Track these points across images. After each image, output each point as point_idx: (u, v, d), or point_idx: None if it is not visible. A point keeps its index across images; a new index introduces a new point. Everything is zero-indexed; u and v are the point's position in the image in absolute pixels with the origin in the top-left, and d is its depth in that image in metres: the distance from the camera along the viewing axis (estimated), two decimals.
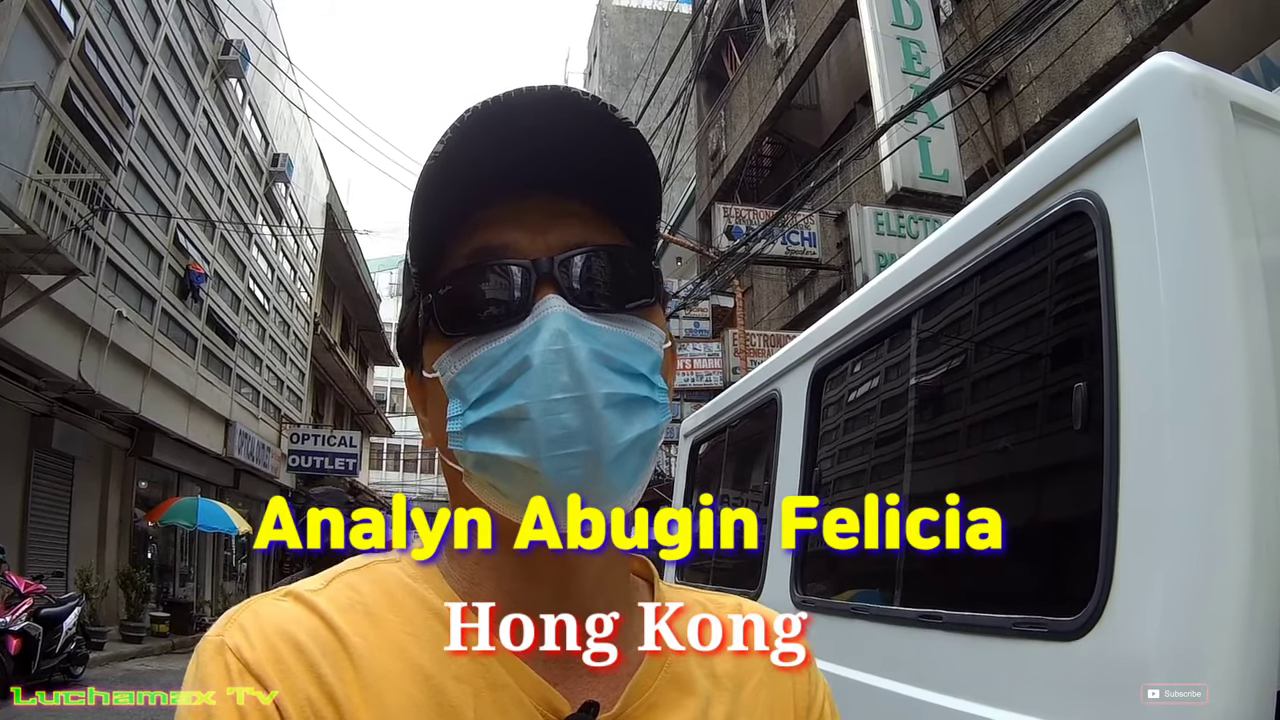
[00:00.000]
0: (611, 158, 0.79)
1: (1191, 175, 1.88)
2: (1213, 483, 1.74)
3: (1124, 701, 1.79)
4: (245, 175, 26.38)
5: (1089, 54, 9.91)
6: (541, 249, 0.79)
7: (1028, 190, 2.36)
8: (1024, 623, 2.17)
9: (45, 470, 16.84)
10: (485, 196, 0.80)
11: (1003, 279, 2.56)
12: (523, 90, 0.75)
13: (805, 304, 17.62)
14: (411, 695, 0.74)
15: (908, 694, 2.52)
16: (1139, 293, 1.94)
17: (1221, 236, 1.82)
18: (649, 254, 0.86)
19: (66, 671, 12.14)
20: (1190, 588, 1.72)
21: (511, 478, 0.75)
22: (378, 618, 0.79)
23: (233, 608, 0.80)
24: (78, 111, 15.83)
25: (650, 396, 0.78)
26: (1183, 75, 1.94)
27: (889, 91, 11.93)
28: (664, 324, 0.85)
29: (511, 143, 0.76)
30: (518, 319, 0.76)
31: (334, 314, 41.29)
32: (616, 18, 46.02)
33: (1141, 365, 1.92)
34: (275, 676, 0.72)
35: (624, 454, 0.75)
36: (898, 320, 3.07)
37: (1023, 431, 2.51)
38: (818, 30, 16.70)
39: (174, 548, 23.97)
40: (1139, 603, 1.82)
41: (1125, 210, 2.00)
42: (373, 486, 49.43)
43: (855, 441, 3.54)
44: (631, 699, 0.80)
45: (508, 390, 0.74)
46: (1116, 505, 1.89)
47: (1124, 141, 2.03)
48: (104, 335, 17.05)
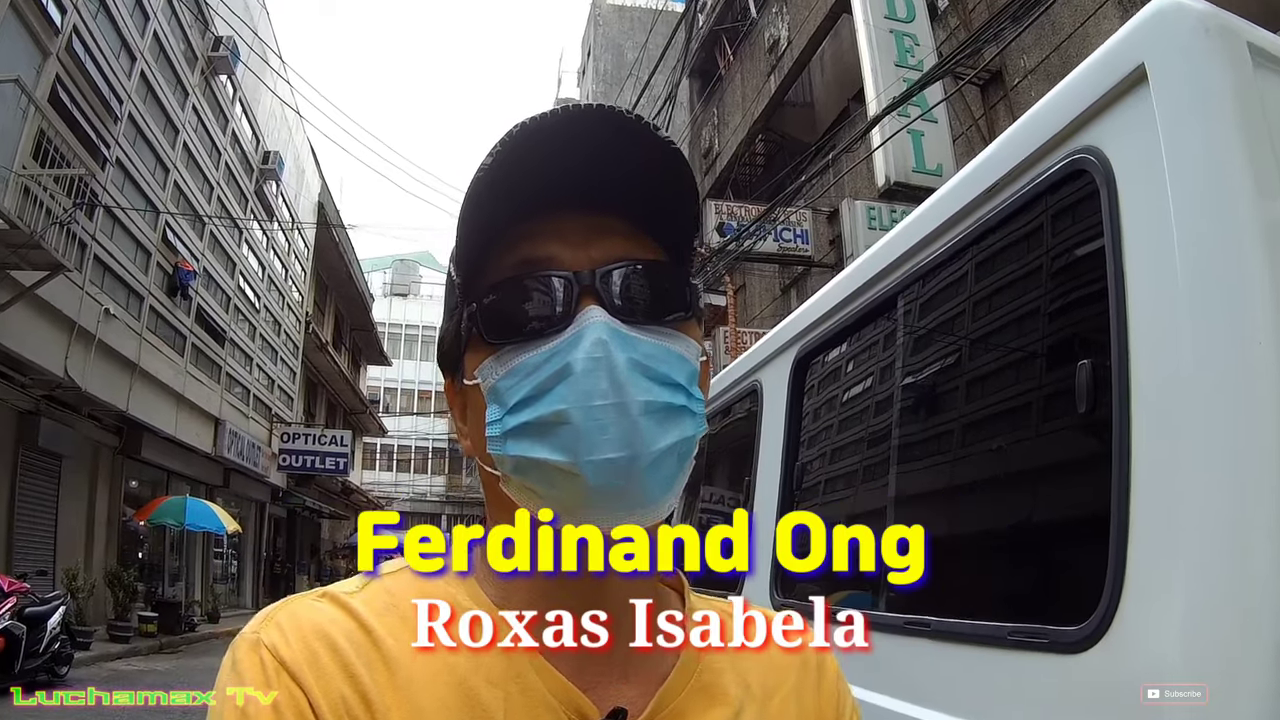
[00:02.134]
0: (652, 175, 0.81)
1: (1207, 124, 1.65)
2: (1238, 473, 1.51)
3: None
4: (235, 173, 26.36)
5: (1084, 47, 9.74)
6: (584, 262, 0.81)
7: (1023, 150, 2.10)
8: (1021, 632, 1.93)
9: (32, 469, 16.82)
10: (530, 210, 0.82)
11: (997, 250, 2.31)
12: (569, 109, 0.78)
13: (797, 302, 17.47)
14: (443, 698, 0.76)
15: (889, 707, 2.29)
16: (1151, 259, 1.70)
17: (1243, 193, 1.59)
18: (686, 270, 0.89)
19: (51, 671, 12.08)
20: (1214, 593, 1.49)
21: (551, 481, 0.77)
22: (411, 621, 0.80)
23: (269, 606, 0.82)
24: (65, 107, 15.86)
25: (687, 406, 0.80)
26: (1193, 12, 1.71)
27: (881, 84, 11.94)
28: (699, 338, 0.87)
29: (557, 159, 0.79)
30: (560, 328, 0.78)
31: (326, 313, 41.32)
32: (610, 16, 45.86)
33: (1154, 341, 1.67)
34: (310, 675, 0.75)
35: (660, 460, 0.76)
36: (883, 301, 2.83)
37: (1021, 419, 2.26)
38: (811, 27, 16.70)
39: (163, 547, 23.87)
40: (1154, 611, 1.57)
41: (1133, 167, 1.76)
42: (365, 486, 49.44)
43: (840, 434, 3.32)
44: (660, 706, 0.82)
45: (549, 395, 0.76)
46: (1128, 499, 1.64)
47: (1129, 89, 1.79)
48: (91, 332, 17.04)
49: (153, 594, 21.77)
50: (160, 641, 18.88)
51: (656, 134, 0.80)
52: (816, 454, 3.46)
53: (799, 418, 3.51)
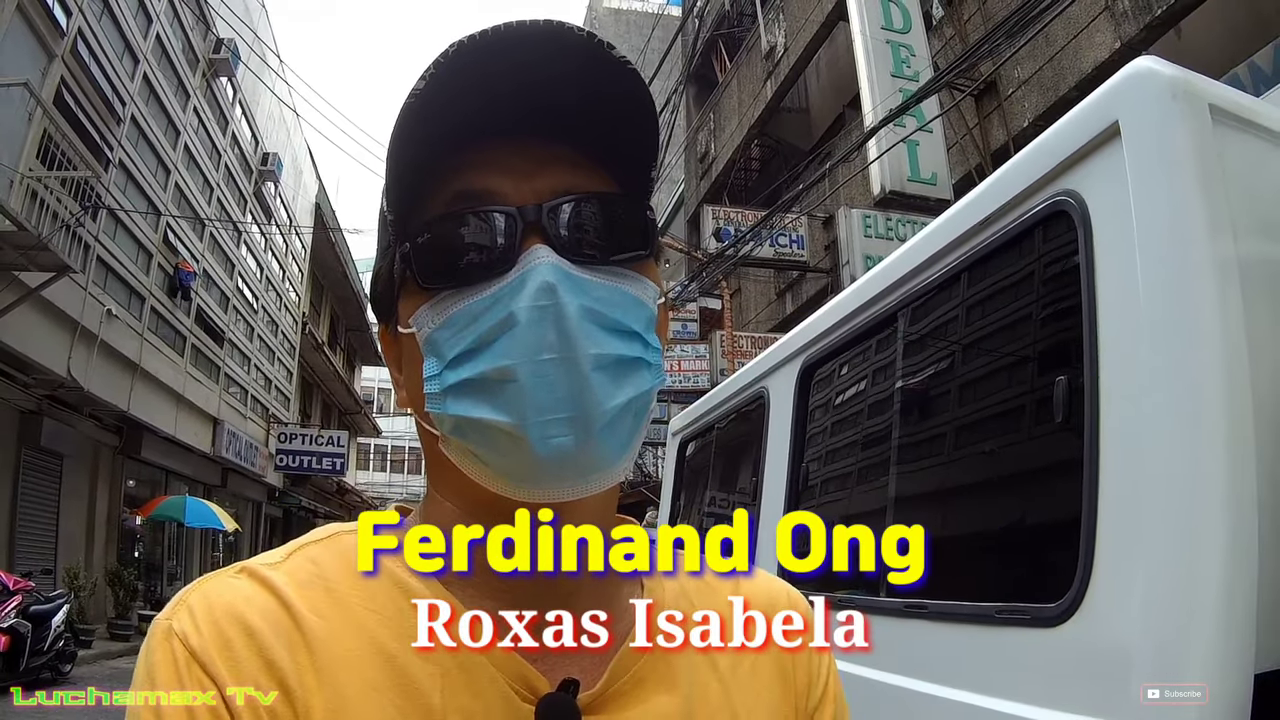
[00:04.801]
0: (605, 98, 0.73)
1: (1170, 175, 1.93)
2: (1190, 473, 1.79)
3: (1105, 686, 1.85)
4: (235, 174, 26.35)
5: (1077, 59, 9.98)
6: (528, 195, 0.73)
7: (1011, 190, 2.41)
8: (1007, 609, 2.23)
9: (34, 468, 16.80)
10: (468, 138, 0.74)
11: (987, 276, 2.61)
12: (512, 24, 0.70)
13: (793, 306, 17.69)
14: (371, 678, 0.70)
15: (894, 683, 2.58)
16: (1119, 289, 2.00)
17: (1199, 235, 1.87)
18: (643, 202, 0.80)
19: (55, 669, 12.10)
20: (1169, 574, 1.78)
21: (494, 444, 0.70)
22: (338, 594, 0.73)
23: (186, 586, 0.75)
24: (69, 109, 15.77)
25: (643, 357, 0.73)
26: (1162, 78, 1.99)
27: (878, 95, 11.99)
28: (658, 278, 0.79)
29: (498, 80, 0.70)
30: (502, 271, 0.71)
31: (322, 313, 41.27)
32: (607, 20, 45.97)
33: (1121, 360, 1.97)
34: (222, 665, 0.68)
35: (615, 420, 0.70)
36: (884, 317, 3.12)
37: (1006, 425, 2.57)
38: (807, 33, 16.73)
39: (161, 546, 23.92)
40: (1119, 589, 1.87)
41: (1106, 209, 2.06)
42: (360, 487, 49.35)
43: (843, 437, 3.58)
44: (616, 675, 0.75)
45: (490, 349, 0.69)
46: (1096, 495, 1.95)
47: (1105, 142, 2.08)
48: (93, 333, 16.99)
49: (152, 593, 21.85)
50: None
51: (611, 52, 0.72)
52: (821, 456, 3.73)
53: (805, 422, 3.78)
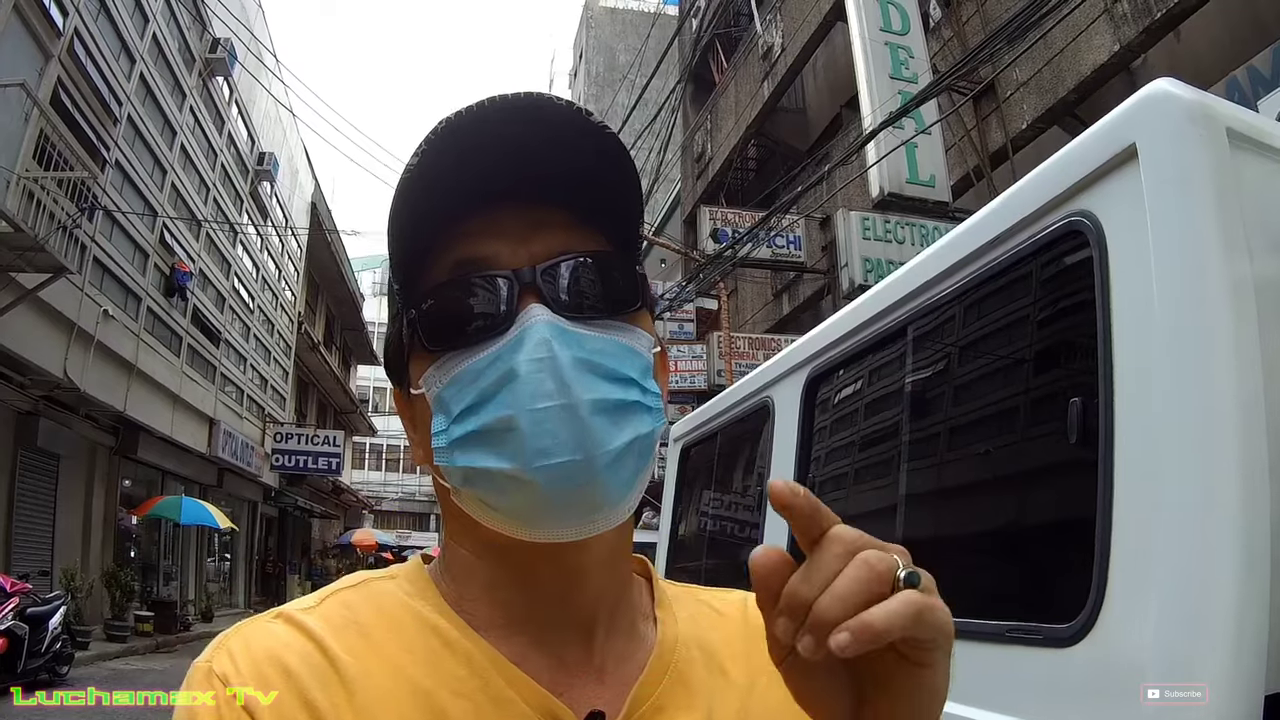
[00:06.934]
0: (589, 163, 0.78)
1: (1186, 198, 1.94)
2: (1205, 493, 1.80)
3: (1119, 707, 1.85)
4: (231, 174, 26.38)
5: (1077, 61, 9.99)
6: (523, 259, 0.77)
7: (1026, 208, 2.41)
8: (1018, 629, 2.23)
9: (30, 469, 16.81)
10: (463, 209, 0.78)
11: (1000, 294, 2.61)
12: (495, 99, 0.75)
13: (789, 307, 17.71)
14: (406, 714, 0.72)
15: None
16: (1134, 309, 2.00)
17: (1215, 258, 1.88)
18: (633, 258, 0.84)
19: (53, 671, 12.11)
20: (1183, 595, 1.78)
21: (502, 491, 0.73)
22: (372, 636, 0.77)
23: (223, 632, 0.78)
24: (66, 109, 15.81)
25: (641, 401, 0.76)
26: (1181, 101, 2.00)
27: (877, 97, 12.00)
28: (652, 328, 0.84)
29: (486, 152, 0.75)
30: (501, 330, 0.75)
31: (317, 313, 41.29)
32: (603, 19, 46.05)
33: (1136, 380, 1.97)
34: (263, 705, 0.71)
35: (617, 460, 0.73)
36: (894, 331, 3.12)
37: (1019, 443, 2.57)
38: (805, 34, 16.72)
39: (158, 546, 23.91)
40: (1133, 610, 1.87)
41: (1121, 230, 2.06)
42: (355, 486, 49.37)
43: (851, 452, 3.58)
44: (637, 704, 0.78)
45: (492, 401, 0.73)
46: (1110, 515, 1.95)
47: (1122, 164, 2.08)
48: (90, 333, 17.03)
49: (148, 594, 21.82)
50: (156, 640, 19.00)
51: (589, 119, 0.77)
52: (828, 470, 3.73)
53: (811, 434, 3.78)
